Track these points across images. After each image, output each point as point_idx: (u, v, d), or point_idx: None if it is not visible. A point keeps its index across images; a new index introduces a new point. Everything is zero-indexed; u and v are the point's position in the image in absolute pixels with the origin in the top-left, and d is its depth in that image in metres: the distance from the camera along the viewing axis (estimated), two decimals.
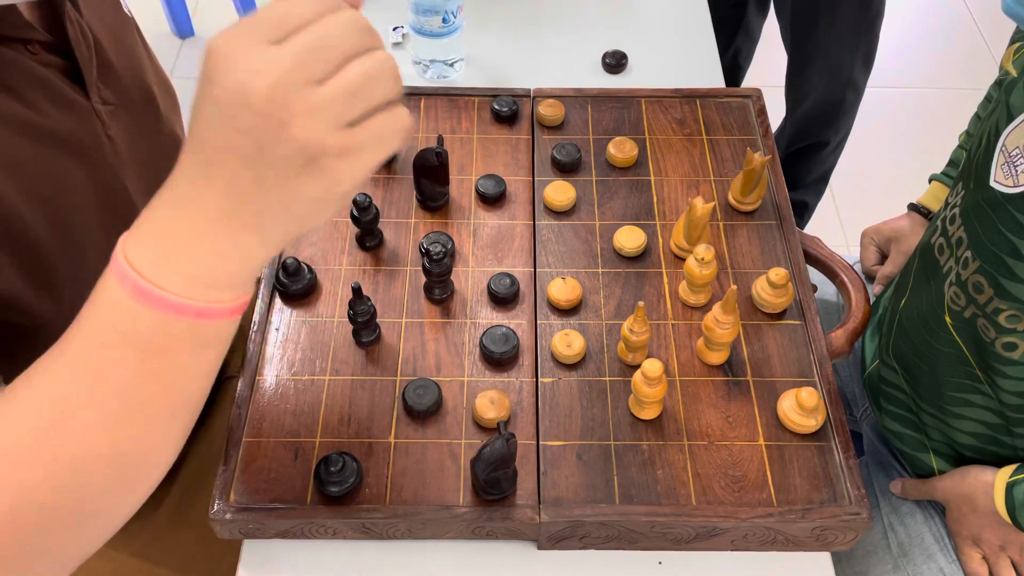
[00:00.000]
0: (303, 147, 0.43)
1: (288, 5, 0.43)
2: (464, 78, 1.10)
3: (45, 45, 0.67)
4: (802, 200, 1.81)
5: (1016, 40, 0.84)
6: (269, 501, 0.70)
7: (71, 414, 0.46)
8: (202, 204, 0.46)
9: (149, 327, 0.46)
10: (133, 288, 0.45)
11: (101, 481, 0.48)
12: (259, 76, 0.41)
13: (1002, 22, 0.99)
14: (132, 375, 0.47)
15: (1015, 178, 0.70)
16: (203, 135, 0.45)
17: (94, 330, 0.47)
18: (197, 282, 0.46)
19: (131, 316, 0.46)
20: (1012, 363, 0.75)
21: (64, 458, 0.46)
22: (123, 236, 0.47)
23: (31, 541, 0.47)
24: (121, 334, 0.46)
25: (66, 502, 0.47)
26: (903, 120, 2.32)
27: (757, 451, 0.73)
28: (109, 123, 0.71)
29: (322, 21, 0.43)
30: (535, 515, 0.69)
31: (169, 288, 0.45)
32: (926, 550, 0.91)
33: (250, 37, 0.42)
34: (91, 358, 0.47)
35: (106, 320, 0.47)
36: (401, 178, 0.92)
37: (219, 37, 0.43)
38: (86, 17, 0.71)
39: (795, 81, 1.64)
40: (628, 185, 0.92)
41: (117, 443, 0.48)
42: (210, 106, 0.43)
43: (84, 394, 0.46)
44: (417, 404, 0.74)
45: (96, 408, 0.47)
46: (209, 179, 0.45)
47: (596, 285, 0.84)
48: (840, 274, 0.87)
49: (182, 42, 2.43)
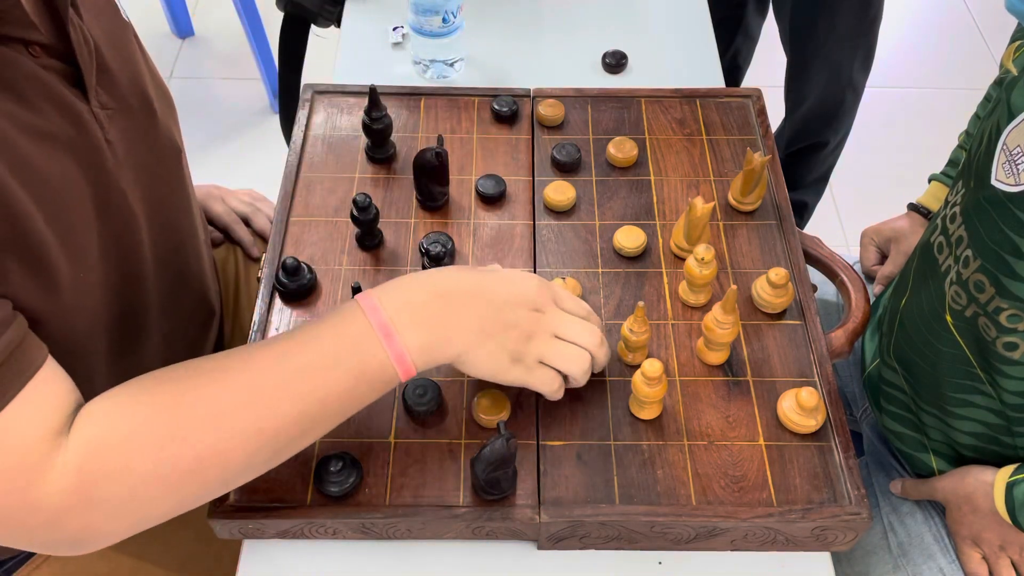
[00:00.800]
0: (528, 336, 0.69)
1: (569, 303, 0.73)
2: (464, 78, 1.10)
3: (46, 48, 0.66)
4: (802, 200, 1.81)
5: (1016, 38, 0.84)
6: (269, 501, 0.70)
7: (289, 395, 0.62)
8: (455, 318, 0.67)
9: (379, 362, 0.64)
10: (381, 326, 0.64)
11: (288, 441, 0.64)
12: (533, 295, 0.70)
13: (1002, 22, 0.99)
14: (345, 385, 0.64)
15: (1016, 176, 0.70)
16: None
17: (336, 343, 0.64)
18: (423, 351, 0.65)
19: (372, 347, 0.64)
20: (1013, 363, 0.75)
21: (290, 411, 0.63)
22: (371, 291, 0.66)
23: (264, 458, 0.64)
24: (357, 357, 0.64)
25: (280, 443, 0.64)
26: (903, 120, 2.32)
27: (757, 451, 0.73)
28: (108, 127, 0.71)
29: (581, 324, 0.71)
30: (535, 515, 0.69)
31: (408, 344, 0.64)
32: (926, 550, 0.91)
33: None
34: (325, 362, 0.63)
35: (351, 341, 0.64)
36: (401, 178, 0.92)
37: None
38: (86, 21, 0.71)
39: (794, 82, 1.64)
40: (628, 185, 0.92)
41: (299, 431, 0.64)
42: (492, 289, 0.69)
43: (308, 384, 0.63)
44: (417, 404, 0.73)
45: (306, 399, 0.63)
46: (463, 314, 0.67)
47: (596, 285, 0.84)
48: (840, 274, 0.87)
49: (182, 42, 2.43)
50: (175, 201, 0.86)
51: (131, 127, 0.75)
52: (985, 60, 2.46)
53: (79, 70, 0.69)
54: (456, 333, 0.66)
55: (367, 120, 0.90)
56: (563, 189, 0.89)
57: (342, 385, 0.63)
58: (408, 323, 0.64)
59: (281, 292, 0.82)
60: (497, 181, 0.90)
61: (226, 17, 2.28)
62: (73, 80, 0.69)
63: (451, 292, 0.67)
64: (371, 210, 0.83)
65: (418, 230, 0.88)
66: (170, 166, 0.84)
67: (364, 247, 0.86)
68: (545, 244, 0.87)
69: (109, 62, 0.73)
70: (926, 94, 2.39)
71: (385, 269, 0.85)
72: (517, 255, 0.86)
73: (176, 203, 0.86)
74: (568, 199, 0.89)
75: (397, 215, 0.89)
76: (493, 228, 0.88)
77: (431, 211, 0.89)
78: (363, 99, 0.98)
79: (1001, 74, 0.87)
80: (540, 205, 0.90)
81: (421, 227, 0.88)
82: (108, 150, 0.71)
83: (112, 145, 0.72)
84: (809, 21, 1.51)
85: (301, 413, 0.63)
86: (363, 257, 0.86)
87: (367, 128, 0.91)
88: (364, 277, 0.84)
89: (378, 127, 0.91)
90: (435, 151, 0.85)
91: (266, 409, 0.62)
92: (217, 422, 0.61)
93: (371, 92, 0.89)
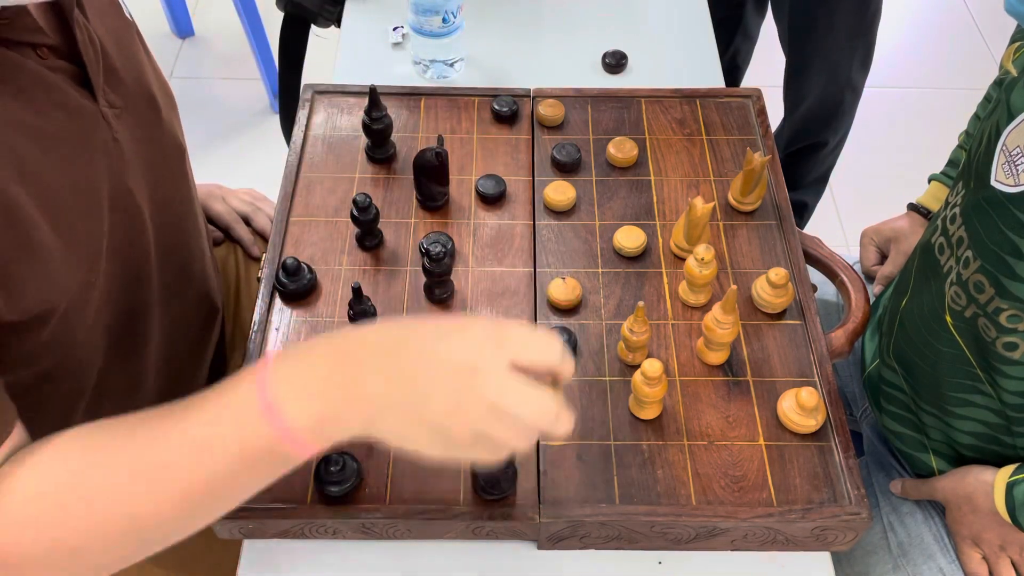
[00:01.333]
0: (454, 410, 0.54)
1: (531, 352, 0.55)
2: (464, 78, 1.09)
3: (53, 49, 0.67)
4: (802, 200, 1.81)
5: (1016, 39, 0.84)
6: (269, 501, 0.69)
7: (165, 479, 0.56)
8: (357, 384, 0.55)
9: (265, 442, 0.54)
10: (266, 405, 0.54)
11: (170, 531, 0.59)
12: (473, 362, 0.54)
13: (1002, 22, 0.99)
14: (230, 467, 0.55)
15: (1016, 177, 0.70)
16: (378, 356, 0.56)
17: (216, 418, 0.55)
18: (317, 426, 0.54)
19: (253, 425, 0.54)
20: (1013, 363, 0.75)
21: (147, 505, 0.56)
22: (274, 354, 0.56)
23: (119, 553, 0.59)
24: (238, 435, 0.55)
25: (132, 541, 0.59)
26: (902, 120, 2.32)
27: (757, 451, 0.73)
28: (115, 126, 0.72)
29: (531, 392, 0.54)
30: (535, 515, 0.69)
31: (295, 422, 0.54)
32: (926, 550, 0.91)
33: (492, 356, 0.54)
34: (202, 442, 0.55)
35: (230, 416, 0.55)
36: (401, 178, 0.92)
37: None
38: (91, 21, 0.71)
39: (794, 82, 1.64)
40: (628, 185, 0.92)
41: (179, 518, 0.58)
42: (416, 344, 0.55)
43: (184, 466, 0.56)
44: None
45: (183, 483, 0.56)
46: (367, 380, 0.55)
47: (596, 285, 0.84)
48: (840, 274, 0.87)
49: (182, 42, 2.43)
50: (179, 199, 0.86)
51: (137, 126, 0.75)
52: (985, 60, 2.46)
53: (86, 70, 0.69)
54: (358, 403, 0.54)
55: (367, 120, 0.90)
56: (563, 189, 0.89)
57: (226, 467, 0.55)
58: (298, 394, 0.54)
59: (281, 292, 0.82)
60: (497, 181, 0.90)
61: (226, 17, 2.28)
62: (80, 80, 0.69)
63: (356, 353, 0.56)
64: (371, 210, 0.83)
65: (418, 230, 0.88)
66: (174, 164, 0.84)
67: (364, 247, 0.86)
68: (545, 244, 0.87)
69: (115, 61, 0.73)
70: (926, 94, 2.39)
71: (385, 269, 0.85)
72: (517, 255, 0.86)
73: (180, 201, 0.86)
74: (568, 199, 0.89)
75: (397, 215, 0.89)
76: (493, 228, 0.88)
77: (431, 211, 0.89)
78: (363, 99, 0.98)
79: (1001, 75, 0.87)
80: (540, 205, 0.90)
81: (421, 227, 0.88)
82: (116, 149, 0.72)
83: (120, 143, 0.72)
84: (808, 21, 1.51)
85: (182, 498, 0.56)
86: (363, 257, 0.86)
87: (367, 128, 0.91)
88: (364, 277, 0.84)
89: (378, 127, 0.91)
90: (435, 151, 0.85)
91: (142, 494, 0.56)
92: (93, 506, 0.56)
93: (371, 92, 0.89)
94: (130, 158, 0.74)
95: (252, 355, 0.78)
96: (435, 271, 0.79)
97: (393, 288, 0.83)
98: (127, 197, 0.74)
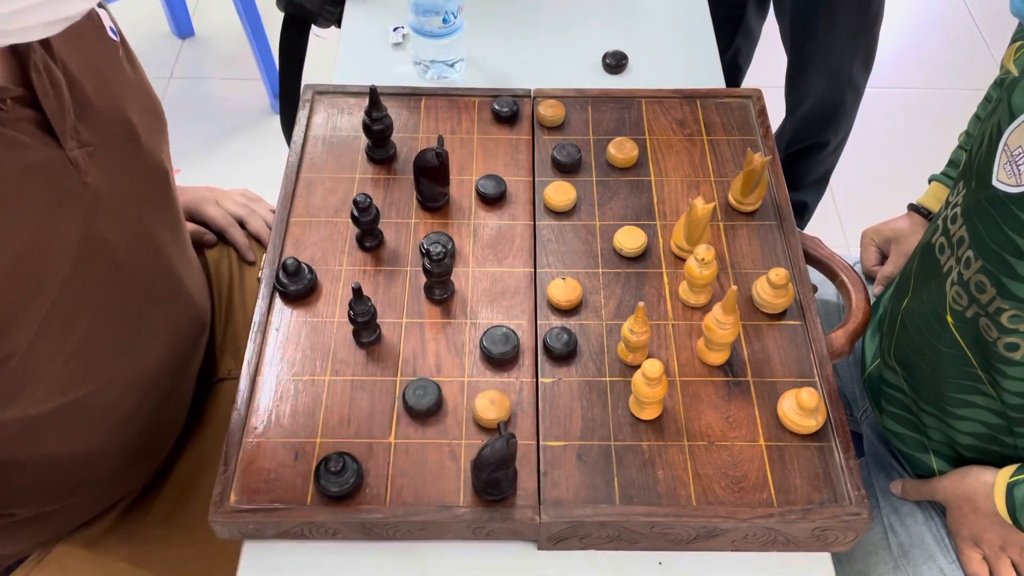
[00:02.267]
0: None
1: None
2: (464, 78, 1.09)
3: (18, 99, 0.64)
4: (802, 201, 1.81)
5: (1017, 39, 0.84)
6: (269, 502, 0.69)
7: None
8: None
9: None
10: None
11: None
12: None
13: (1002, 22, 0.98)
14: None
15: (1017, 177, 0.70)
16: None
17: None
18: None
19: None
20: (1014, 363, 0.75)
21: None
22: None
23: None
24: None
25: None
26: (903, 120, 2.32)
27: (757, 451, 0.73)
28: (86, 168, 0.69)
29: None
30: (535, 515, 0.69)
31: None
32: (926, 550, 0.91)
33: None
34: None
35: None
36: (401, 178, 0.92)
37: None
38: (62, 55, 0.68)
39: (795, 82, 1.64)
40: (628, 185, 0.92)
41: None
42: None
43: None
44: (417, 404, 0.73)
45: None
46: None
47: (596, 285, 0.84)
48: (840, 274, 0.87)
49: (182, 42, 2.43)
50: (162, 226, 0.84)
51: (114, 161, 0.73)
52: (985, 60, 2.46)
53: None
54: None
55: (367, 120, 0.90)
56: (563, 189, 0.89)
57: None
58: None
59: (281, 292, 0.82)
60: (497, 181, 0.90)
61: (226, 17, 2.28)
62: (47, 127, 0.66)
63: None
64: (371, 210, 0.83)
65: (418, 230, 0.88)
66: (157, 192, 0.82)
67: (364, 247, 0.86)
68: (545, 244, 0.87)
69: (89, 94, 0.70)
70: (926, 94, 2.39)
71: (385, 269, 0.85)
72: (517, 256, 0.86)
73: (163, 228, 0.84)
74: (568, 199, 0.89)
75: (397, 215, 0.89)
76: (493, 228, 0.88)
77: (431, 211, 0.89)
78: (363, 99, 0.98)
79: (1002, 75, 0.87)
80: (540, 205, 0.90)
81: (421, 227, 0.88)
82: (85, 193, 0.69)
83: (90, 186, 0.70)
84: (809, 21, 1.51)
85: None
86: (363, 257, 0.86)
87: (367, 128, 0.91)
88: (364, 277, 0.84)
89: (378, 127, 0.91)
90: (435, 151, 0.85)
91: None
92: None
93: (371, 92, 0.89)
94: (104, 197, 0.71)
95: (251, 356, 0.78)
96: (435, 271, 0.79)
97: (393, 288, 0.83)
98: (96, 241, 0.71)
